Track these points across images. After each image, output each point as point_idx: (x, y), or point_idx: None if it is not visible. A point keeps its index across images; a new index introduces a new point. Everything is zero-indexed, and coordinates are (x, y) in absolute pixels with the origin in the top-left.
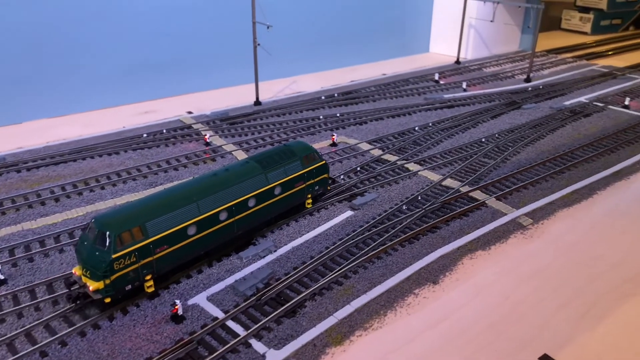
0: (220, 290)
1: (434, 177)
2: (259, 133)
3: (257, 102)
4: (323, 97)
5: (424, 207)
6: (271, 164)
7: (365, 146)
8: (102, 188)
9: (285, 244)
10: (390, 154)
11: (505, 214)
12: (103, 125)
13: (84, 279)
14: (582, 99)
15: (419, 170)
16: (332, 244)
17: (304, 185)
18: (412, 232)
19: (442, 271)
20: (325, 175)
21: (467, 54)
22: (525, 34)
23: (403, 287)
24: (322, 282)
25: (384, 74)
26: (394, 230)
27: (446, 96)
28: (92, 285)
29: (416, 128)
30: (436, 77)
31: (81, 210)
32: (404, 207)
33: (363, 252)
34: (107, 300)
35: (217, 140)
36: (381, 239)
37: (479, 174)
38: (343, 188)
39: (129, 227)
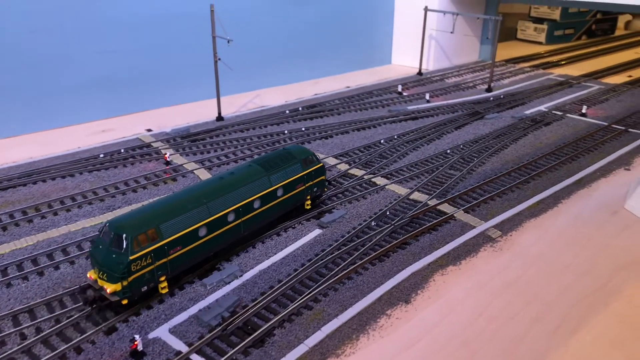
0: (183, 321)
1: (402, 190)
2: (222, 150)
3: (220, 118)
4: (287, 111)
5: (393, 222)
6: (273, 167)
7: (331, 161)
8: (55, 214)
9: (252, 268)
10: (357, 168)
11: (474, 227)
12: (56, 146)
13: (100, 282)
14: (542, 107)
15: (386, 184)
16: (300, 266)
17: (303, 187)
18: (382, 249)
19: (413, 289)
20: (323, 177)
21: (429, 65)
22: (484, 44)
23: (375, 308)
24: (291, 308)
25: (348, 87)
26: (363, 248)
27: (410, 108)
28: (110, 288)
29: (382, 141)
30: (399, 88)
31: (31, 239)
32: (373, 224)
33: (333, 272)
34: (125, 302)
35: (178, 159)
36: (351, 257)
37: (446, 186)
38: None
39: (145, 229)
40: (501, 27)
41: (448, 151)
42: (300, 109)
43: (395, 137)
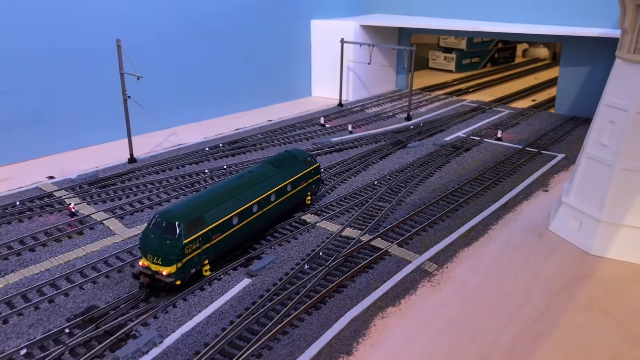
0: None
1: (333, 227)
2: (135, 195)
3: (132, 159)
4: (207, 149)
5: (327, 263)
6: (282, 166)
7: None
8: None
9: (173, 331)
10: None
11: (410, 262)
12: None
13: (154, 267)
14: (460, 133)
15: (317, 222)
16: (229, 324)
17: (305, 184)
18: (318, 295)
19: (354, 338)
20: (318, 176)
21: (349, 96)
22: (399, 74)
23: None
24: None
25: (270, 120)
26: (298, 296)
27: (334, 140)
28: (166, 270)
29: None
30: (322, 120)
31: None
32: (306, 267)
33: (266, 328)
34: (178, 282)
35: (84, 209)
36: (285, 309)
37: (377, 219)
38: (237, 252)
39: (193, 217)
40: (414, 57)
41: (375, 182)
42: (220, 145)
43: (322, 170)
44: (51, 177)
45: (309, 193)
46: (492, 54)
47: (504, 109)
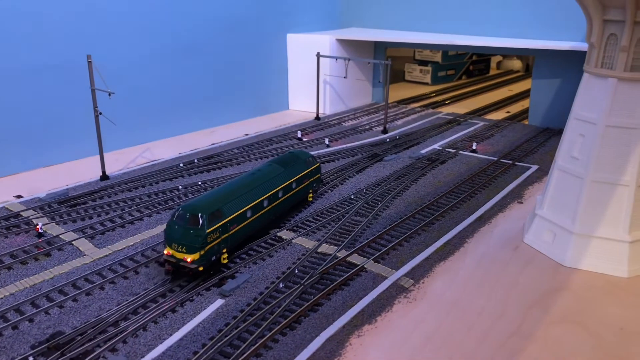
0: None
1: (309, 243)
2: (107, 214)
3: (104, 177)
4: (181, 164)
5: (303, 281)
6: (287, 165)
7: None
8: None
9: (143, 356)
10: None
11: (386, 277)
12: None
13: (178, 255)
14: (436, 146)
15: (292, 238)
16: (201, 347)
17: (307, 182)
18: (293, 314)
19: (330, 358)
20: (319, 175)
21: (326, 110)
22: (375, 87)
23: None
24: None
25: (247, 135)
26: (272, 316)
27: (311, 153)
28: (190, 257)
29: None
30: (299, 134)
31: None
32: (281, 285)
33: (240, 350)
34: (201, 269)
35: (53, 229)
36: (259, 329)
37: (353, 234)
38: (211, 272)
39: (213, 209)
40: (390, 70)
41: (352, 196)
42: (195, 160)
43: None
44: (19, 197)
45: (310, 190)
46: (467, 67)
47: (479, 120)
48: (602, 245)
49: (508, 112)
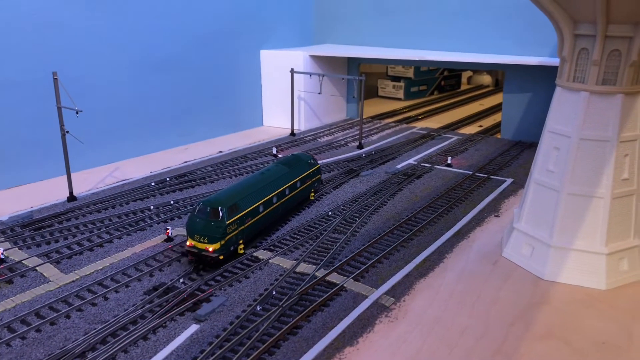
0: None
1: (287, 263)
2: (74, 237)
3: (72, 198)
4: (153, 184)
5: (281, 303)
6: (292, 166)
7: None
8: None
9: None
10: None
11: (367, 297)
12: None
13: (200, 245)
14: (411, 161)
15: (269, 258)
16: None
17: (310, 182)
18: (272, 339)
19: None
20: (319, 176)
21: (301, 125)
22: (350, 103)
23: None
24: None
25: (220, 152)
26: (250, 341)
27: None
28: (212, 247)
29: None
30: (274, 151)
31: None
32: (259, 308)
33: None
34: (221, 257)
35: (16, 254)
36: (236, 356)
37: (332, 252)
38: (184, 295)
39: (231, 203)
40: (364, 86)
41: (330, 213)
42: (167, 179)
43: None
44: None
45: (312, 190)
46: (439, 82)
47: (452, 135)
48: (580, 257)
49: (480, 126)
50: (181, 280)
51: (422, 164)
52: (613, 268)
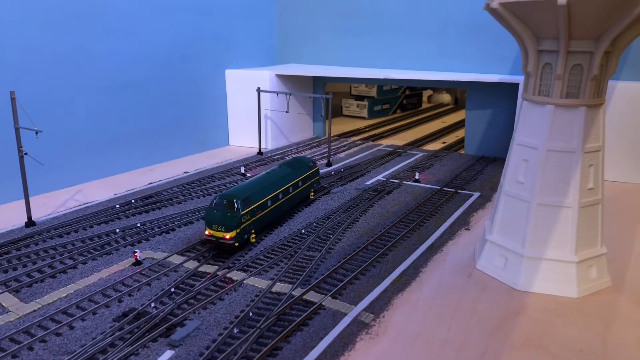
0: None
1: (262, 283)
2: (34, 264)
3: (30, 223)
4: (117, 206)
5: (259, 325)
6: (294, 167)
7: (176, 259)
8: None
9: None
10: (209, 263)
11: (346, 314)
12: None
13: (218, 234)
14: (380, 177)
15: (244, 279)
16: None
17: (310, 182)
18: None
19: None
20: (318, 177)
21: (268, 144)
22: (316, 121)
23: None
24: None
25: (186, 172)
26: None
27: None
28: (229, 235)
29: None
30: (242, 170)
31: None
32: (235, 331)
33: None
34: (237, 244)
35: None
36: None
37: (308, 270)
38: (157, 320)
39: (245, 196)
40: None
41: (303, 231)
42: (133, 201)
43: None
44: None
45: (312, 190)
46: (401, 101)
47: (418, 151)
48: (552, 267)
49: (444, 142)
50: (152, 304)
51: (391, 180)
52: (583, 276)
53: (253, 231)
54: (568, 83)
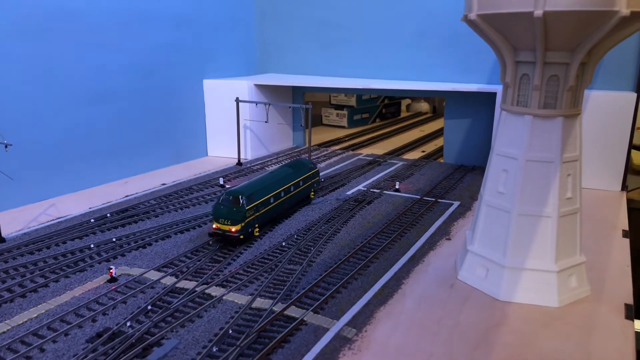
0: None
1: (242, 299)
2: (4, 282)
3: (0, 239)
4: (92, 220)
5: (239, 342)
6: (295, 168)
7: (153, 275)
8: None
9: None
10: (187, 279)
11: (328, 329)
12: None
13: (224, 227)
14: (361, 187)
15: (223, 295)
16: None
17: (310, 182)
18: None
19: None
20: (318, 178)
21: (248, 155)
22: (296, 131)
23: None
24: None
25: (164, 184)
26: None
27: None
28: (234, 228)
29: (210, 242)
30: (221, 181)
31: None
32: (215, 349)
33: None
34: (242, 237)
35: None
36: None
37: (288, 285)
38: (132, 340)
39: (249, 193)
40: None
41: (283, 244)
42: (108, 215)
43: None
44: None
45: (312, 190)
46: (380, 110)
47: (397, 160)
48: (532, 276)
49: (423, 151)
50: (128, 324)
51: (372, 190)
52: (563, 285)
53: (257, 225)
54: (545, 94)
